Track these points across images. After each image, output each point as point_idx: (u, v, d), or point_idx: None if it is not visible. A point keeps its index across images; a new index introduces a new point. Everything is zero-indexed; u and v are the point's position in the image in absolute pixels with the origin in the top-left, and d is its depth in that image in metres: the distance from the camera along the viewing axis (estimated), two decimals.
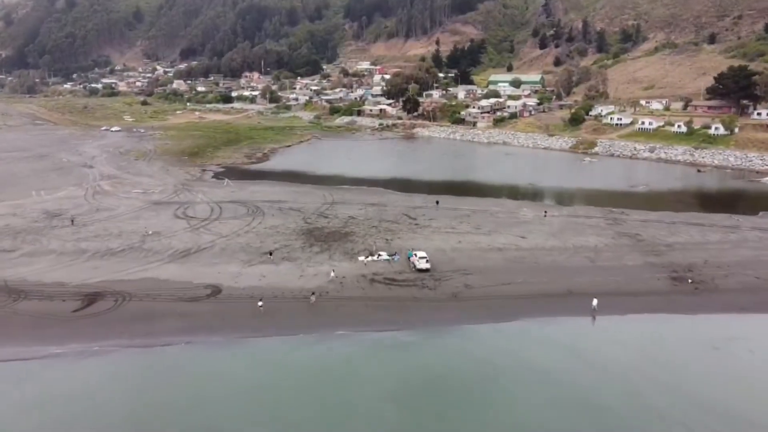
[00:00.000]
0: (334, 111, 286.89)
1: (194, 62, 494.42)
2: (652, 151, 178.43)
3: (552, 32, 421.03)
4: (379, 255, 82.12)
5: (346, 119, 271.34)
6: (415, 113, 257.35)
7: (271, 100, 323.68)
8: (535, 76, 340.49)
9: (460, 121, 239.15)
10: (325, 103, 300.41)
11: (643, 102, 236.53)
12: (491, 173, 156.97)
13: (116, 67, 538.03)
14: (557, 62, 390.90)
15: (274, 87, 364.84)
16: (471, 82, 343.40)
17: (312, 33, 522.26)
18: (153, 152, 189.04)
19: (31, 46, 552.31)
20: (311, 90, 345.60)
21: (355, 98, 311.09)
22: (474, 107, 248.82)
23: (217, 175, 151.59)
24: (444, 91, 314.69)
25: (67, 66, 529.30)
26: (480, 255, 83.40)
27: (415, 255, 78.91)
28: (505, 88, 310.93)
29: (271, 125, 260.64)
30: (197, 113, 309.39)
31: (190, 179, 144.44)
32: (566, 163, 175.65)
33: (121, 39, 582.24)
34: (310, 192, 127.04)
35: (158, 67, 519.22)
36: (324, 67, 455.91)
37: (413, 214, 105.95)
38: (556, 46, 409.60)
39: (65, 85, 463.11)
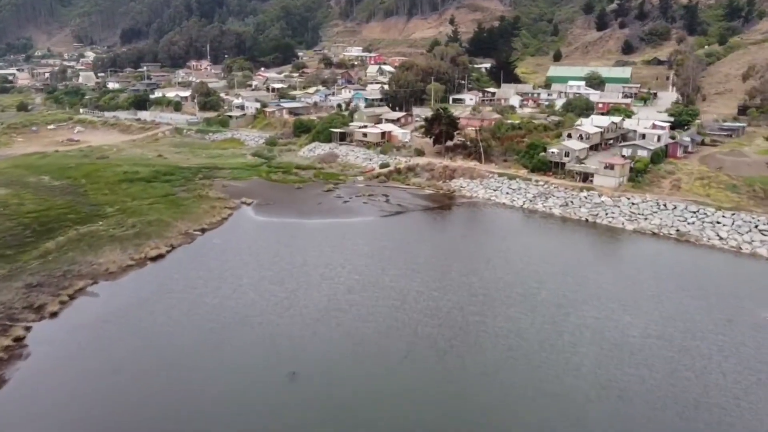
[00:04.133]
0: (302, 129, 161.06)
1: (141, 46, 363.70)
2: None
3: (614, 6, 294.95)
4: None
5: (320, 150, 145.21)
6: (450, 142, 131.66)
7: (205, 107, 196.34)
8: (619, 70, 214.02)
9: (545, 167, 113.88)
10: (286, 115, 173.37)
11: None
12: None
13: (36, 53, 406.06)
14: (627, 48, 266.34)
15: (218, 84, 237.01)
16: (517, 79, 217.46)
17: (287, 10, 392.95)
18: None
19: None
20: (272, 90, 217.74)
21: (339, 105, 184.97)
22: (571, 134, 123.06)
23: None
24: (481, 94, 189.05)
25: None
26: None
27: None
28: (579, 89, 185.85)
29: (174, 164, 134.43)
30: (77, 129, 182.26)
31: None
32: None
33: (50, 17, 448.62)
34: None
35: (89, 53, 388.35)
36: (300, 53, 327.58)
37: None
38: (622, 26, 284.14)
39: None
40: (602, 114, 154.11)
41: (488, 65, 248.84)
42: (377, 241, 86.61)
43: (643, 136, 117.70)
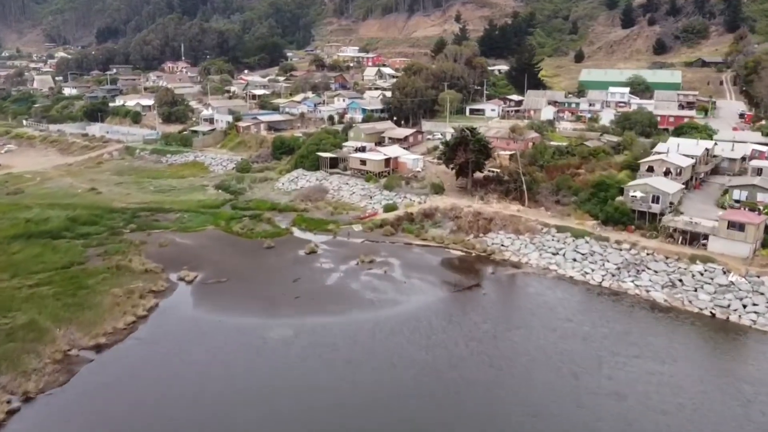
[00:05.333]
0: (283, 150, 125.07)
1: (111, 45, 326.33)
2: None
3: (643, 0, 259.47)
4: None
5: (304, 180, 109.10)
6: (482, 173, 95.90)
7: (170, 119, 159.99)
8: (666, 74, 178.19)
9: (624, 218, 77.93)
10: (264, 131, 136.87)
11: None
12: None
13: (3, 53, 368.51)
14: (660, 47, 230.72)
15: (191, 89, 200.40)
16: (541, 84, 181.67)
17: (276, 6, 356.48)
18: None
19: None
20: (253, 97, 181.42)
21: (330, 117, 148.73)
22: (653, 166, 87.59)
23: None
24: (504, 103, 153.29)
25: None
26: None
27: None
28: (623, 97, 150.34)
29: (104, 205, 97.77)
30: (5, 149, 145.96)
31: None
32: None
33: (21, 15, 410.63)
34: None
35: (60, 53, 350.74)
36: (289, 54, 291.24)
37: None
38: (651, 23, 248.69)
39: None
40: (664, 131, 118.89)
41: (502, 68, 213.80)
42: (376, 391, 50.44)
43: (759, 171, 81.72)
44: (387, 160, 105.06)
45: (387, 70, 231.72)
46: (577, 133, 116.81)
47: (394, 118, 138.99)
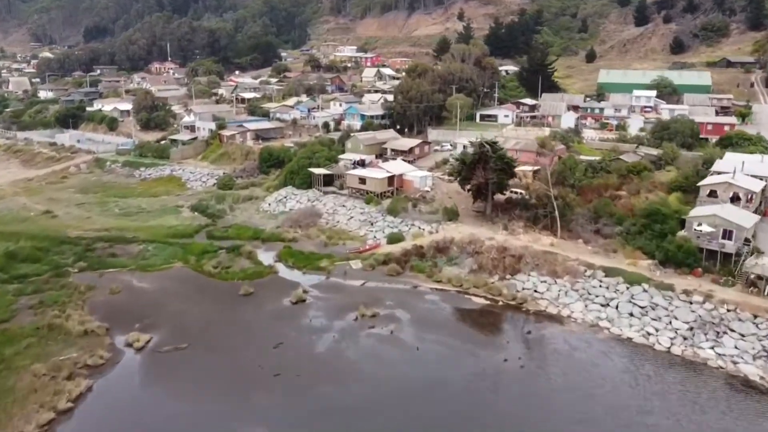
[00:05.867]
0: (271, 163, 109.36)
1: (96, 45, 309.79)
2: None
3: None
4: None
5: (294, 201, 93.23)
6: (503, 195, 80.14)
7: (149, 125, 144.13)
8: (693, 75, 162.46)
9: (689, 258, 61.96)
10: (251, 141, 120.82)
11: None
12: None
13: None
14: (678, 47, 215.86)
15: (177, 92, 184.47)
16: (555, 86, 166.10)
17: (271, 5, 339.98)
18: None
19: None
20: (242, 101, 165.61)
21: (326, 124, 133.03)
22: (716, 191, 71.82)
23: None
24: (516, 107, 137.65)
25: None
26: None
27: None
28: (649, 101, 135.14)
29: (56, 233, 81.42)
30: None
31: None
32: None
33: (7, 14, 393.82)
34: None
35: (46, 53, 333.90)
36: (284, 54, 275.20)
37: None
38: (667, 21, 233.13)
39: None
40: (705, 140, 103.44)
41: (510, 68, 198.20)
42: None
43: None
44: (390, 178, 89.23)
45: (387, 71, 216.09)
46: (609, 145, 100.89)
47: (397, 126, 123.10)
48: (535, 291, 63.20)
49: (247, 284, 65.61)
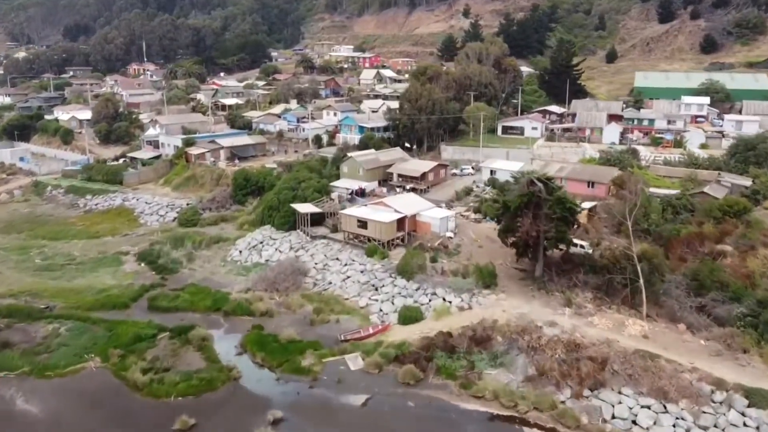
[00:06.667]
0: (246, 189, 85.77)
1: (68, 44, 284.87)
2: None
3: None
4: None
5: (271, 248, 69.91)
6: (559, 250, 56.76)
7: (109, 138, 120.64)
8: (748, 78, 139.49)
9: None
10: (223, 162, 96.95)
11: None
12: None
13: None
14: (710, 45, 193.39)
15: (152, 97, 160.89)
16: (583, 91, 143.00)
17: (263, 2, 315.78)
18: None
19: None
20: (222, 108, 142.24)
21: (317, 137, 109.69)
22: None
23: None
24: (543, 117, 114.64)
25: None
26: None
27: None
28: (703, 110, 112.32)
29: None
30: None
31: None
32: None
33: None
34: None
35: (22, 54, 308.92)
36: (274, 53, 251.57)
37: None
38: (695, 17, 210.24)
39: None
40: None
41: (524, 70, 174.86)
42: None
43: None
44: (400, 221, 65.95)
45: (388, 73, 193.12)
46: (680, 172, 77.71)
47: (405, 143, 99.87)
48: (635, 423, 40.09)
49: (189, 408, 42.35)
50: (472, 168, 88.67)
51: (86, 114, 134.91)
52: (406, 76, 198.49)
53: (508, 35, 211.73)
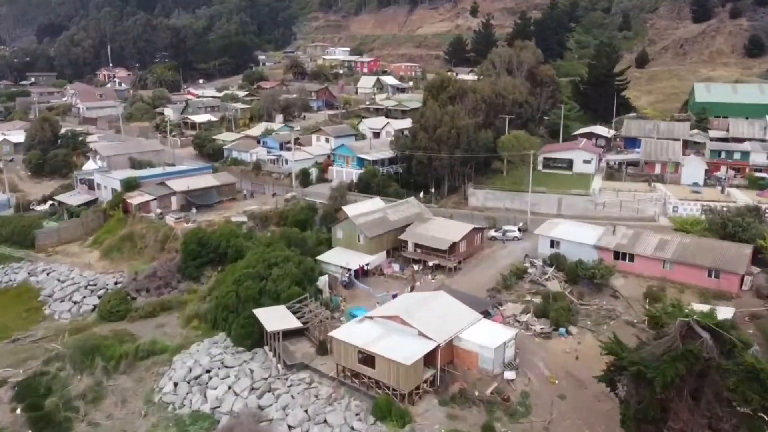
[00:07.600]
0: (202, 258, 58.96)
1: (31, 47, 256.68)
2: None
3: None
4: None
5: (225, 383, 43.05)
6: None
7: (43, 170, 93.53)
8: None
9: None
10: (172, 217, 69.74)
11: None
12: None
13: None
14: (756, 47, 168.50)
15: (114, 110, 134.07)
16: (628, 106, 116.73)
17: None
18: None
19: None
20: (192, 127, 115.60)
21: (304, 172, 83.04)
22: None
23: None
24: (591, 142, 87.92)
25: None
26: None
27: None
28: None
29: None
30: None
31: None
32: None
33: None
34: None
35: None
36: (262, 57, 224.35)
37: None
38: (735, 15, 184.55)
39: None
40: None
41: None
42: None
43: None
44: (430, 355, 39.49)
45: (389, 80, 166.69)
46: None
47: (414, 178, 73.52)
48: None
49: None
50: (519, 229, 62.39)
51: (18, 136, 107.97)
52: (410, 83, 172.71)
53: (525, 37, 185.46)
